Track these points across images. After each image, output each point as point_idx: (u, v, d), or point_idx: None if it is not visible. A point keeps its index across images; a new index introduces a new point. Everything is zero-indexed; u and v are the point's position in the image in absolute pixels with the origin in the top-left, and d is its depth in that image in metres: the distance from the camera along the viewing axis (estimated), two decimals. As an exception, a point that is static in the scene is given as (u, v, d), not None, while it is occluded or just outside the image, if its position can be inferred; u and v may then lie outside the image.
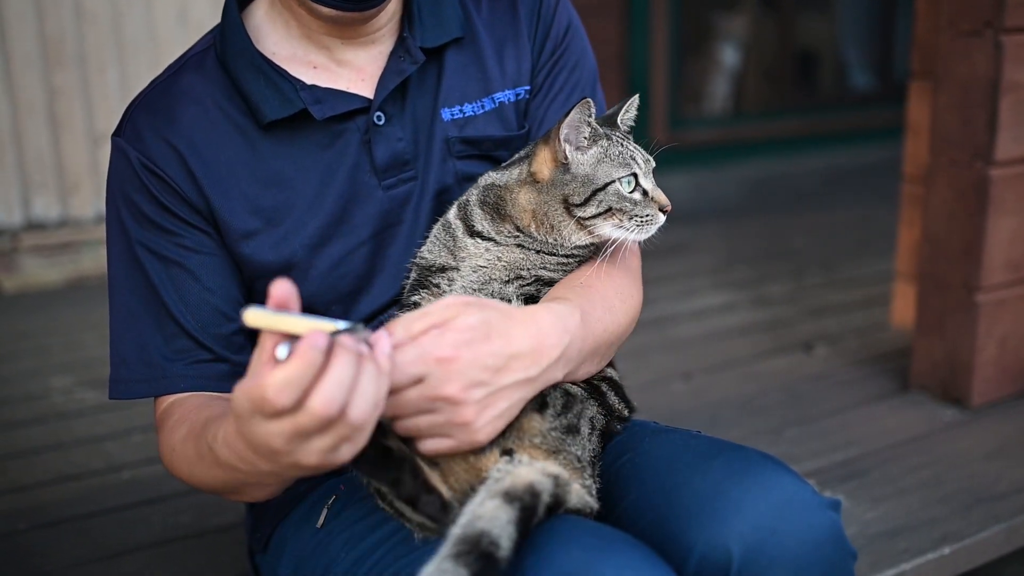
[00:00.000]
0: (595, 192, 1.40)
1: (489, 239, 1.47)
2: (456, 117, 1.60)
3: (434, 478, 1.28)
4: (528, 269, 1.46)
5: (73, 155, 4.40)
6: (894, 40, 7.31)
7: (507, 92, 1.65)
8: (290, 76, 1.52)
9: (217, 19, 1.58)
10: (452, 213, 1.52)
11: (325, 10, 1.48)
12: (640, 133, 1.55)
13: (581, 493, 1.30)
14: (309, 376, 0.98)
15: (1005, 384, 2.86)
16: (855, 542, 2.12)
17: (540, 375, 1.27)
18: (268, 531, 1.68)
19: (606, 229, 1.41)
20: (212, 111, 1.52)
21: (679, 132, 6.09)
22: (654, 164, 1.48)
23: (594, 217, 1.41)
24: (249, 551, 1.78)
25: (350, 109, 1.54)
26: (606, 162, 1.42)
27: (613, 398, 1.48)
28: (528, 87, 1.67)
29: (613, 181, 1.40)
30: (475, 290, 1.44)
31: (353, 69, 1.57)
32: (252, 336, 1.37)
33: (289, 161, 1.53)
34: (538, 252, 1.47)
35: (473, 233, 1.48)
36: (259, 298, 1.56)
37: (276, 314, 1.01)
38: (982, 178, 2.68)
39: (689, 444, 1.38)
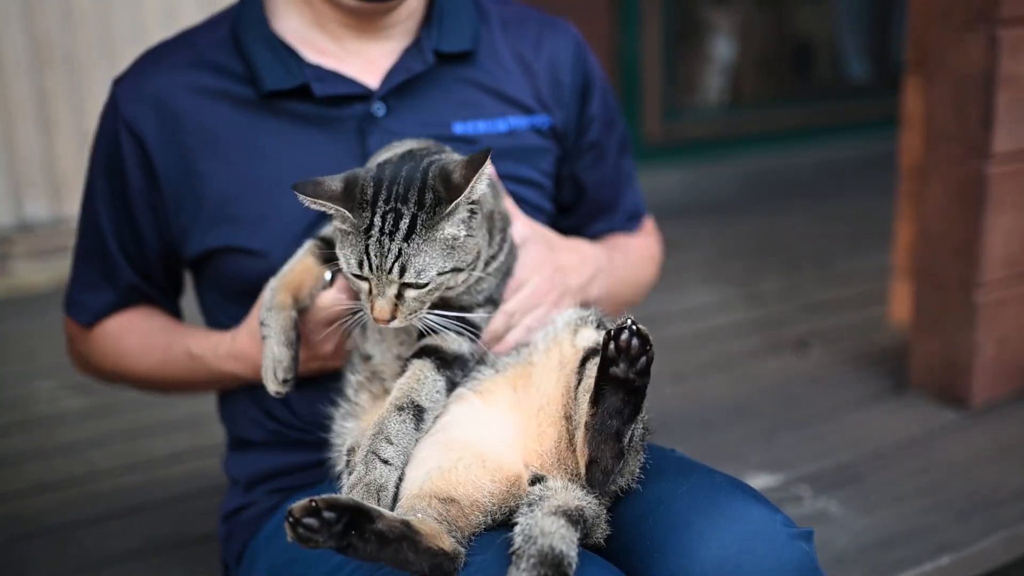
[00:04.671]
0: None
1: None
2: (468, 132, 1.63)
3: (432, 534, 1.19)
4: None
5: (64, 155, 4.38)
6: (891, 28, 7.26)
7: (521, 119, 1.68)
8: (296, 53, 1.58)
9: (205, 17, 1.67)
10: None
11: (347, 0, 1.53)
12: (633, 126, 1.52)
13: (604, 528, 1.27)
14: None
15: (1005, 384, 2.82)
16: (849, 551, 2.08)
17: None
18: (241, 544, 1.68)
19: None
20: (210, 77, 1.57)
21: (673, 125, 6.02)
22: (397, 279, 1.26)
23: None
24: (223, 563, 1.75)
25: (351, 93, 1.58)
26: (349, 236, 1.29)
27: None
28: (542, 117, 1.70)
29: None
30: None
31: (364, 60, 1.61)
32: (170, 278, 1.74)
33: (280, 136, 1.57)
34: None
35: None
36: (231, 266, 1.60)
37: None
38: (978, 174, 2.63)
39: (659, 466, 1.33)
